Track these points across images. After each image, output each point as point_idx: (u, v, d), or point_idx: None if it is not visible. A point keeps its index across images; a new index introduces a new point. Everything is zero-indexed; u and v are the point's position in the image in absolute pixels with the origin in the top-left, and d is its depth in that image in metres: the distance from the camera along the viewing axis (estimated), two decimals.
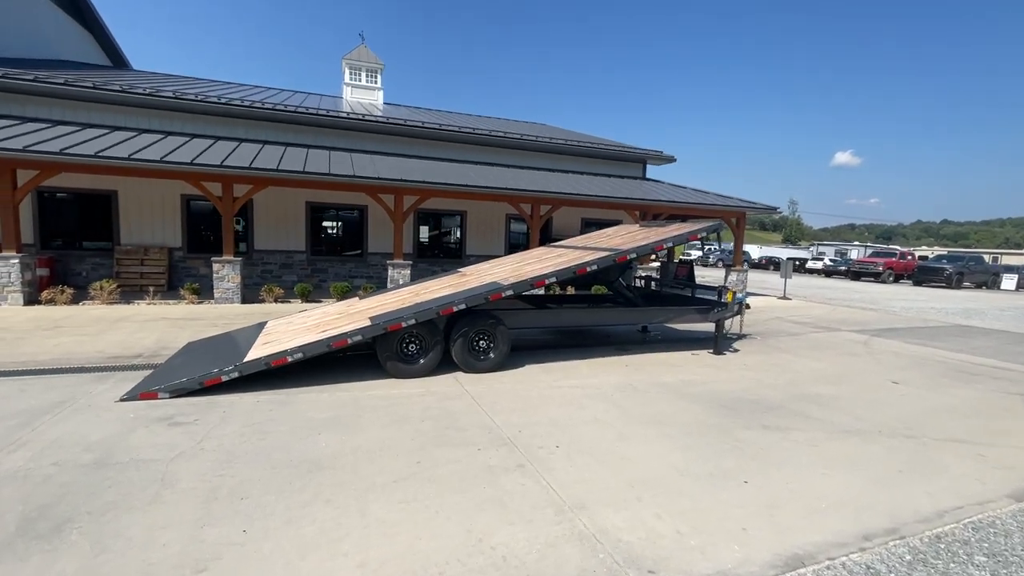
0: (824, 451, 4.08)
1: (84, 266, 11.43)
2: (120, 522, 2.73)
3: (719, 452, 3.97)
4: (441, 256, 15.05)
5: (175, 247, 12.00)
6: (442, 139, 14.74)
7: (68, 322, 8.01)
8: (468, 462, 3.64)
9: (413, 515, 2.92)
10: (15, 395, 4.65)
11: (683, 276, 9.74)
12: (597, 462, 3.71)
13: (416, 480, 3.34)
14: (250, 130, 12.75)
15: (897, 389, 6.04)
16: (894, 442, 4.35)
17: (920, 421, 4.91)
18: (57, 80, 10.65)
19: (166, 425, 4.10)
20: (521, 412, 4.73)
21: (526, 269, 6.74)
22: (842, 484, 3.51)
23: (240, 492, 3.09)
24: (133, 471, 3.30)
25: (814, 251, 44.57)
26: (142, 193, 11.61)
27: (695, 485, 3.41)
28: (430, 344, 5.77)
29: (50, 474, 3.22)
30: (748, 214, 16.46)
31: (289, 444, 3.82)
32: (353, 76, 20.14)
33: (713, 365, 6.90)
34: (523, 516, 2.95)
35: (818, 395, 5.64)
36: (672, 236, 6.89)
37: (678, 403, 5.18)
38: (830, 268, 31.59)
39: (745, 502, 3.20)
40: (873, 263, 27.95)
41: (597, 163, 16.79)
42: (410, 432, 4.14)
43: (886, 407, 5.31)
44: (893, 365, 7.31)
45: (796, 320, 11.42)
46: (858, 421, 4.84)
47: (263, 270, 12.82)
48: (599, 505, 3.10)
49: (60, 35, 17.66)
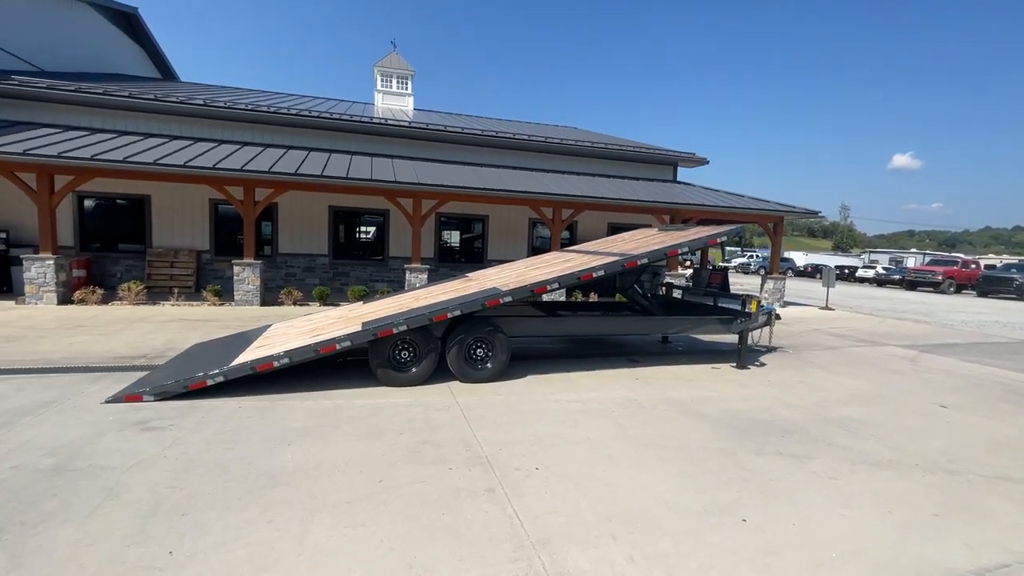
0: (845, 486, 3.56)
1: (119, 268, 11.90)
2: (48, 536, 2.59)
3: (719, 482, 3.52)
4: (463, 261, 14.89)
5: (203, 250, 12.34)
6: (466, 143, 14.62)
7: (91, 322, 8.26)
8: (434, 483, 3.35)
9: (355, 542, 2.65)
10: (12, 394, 4.70)
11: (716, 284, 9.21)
12: (576, 489, 3.34)
13: (372, 501, 3.08)
14: (276, 136, 13.01)
15: (944, 414, 5.34)
16: (933, 478, 3.76)
17: (968, 454, 4.27)
18: (96, 90, 11.17)
19: (139, 429, 4.01)
20: (508, 428, 4.41)
21: (531, 274, 6.41)
22: (861, 528, 3.01)
23: (183, 507, 2.92)
24: (85, 479, 3.19)
25: (866, 259, 41.94)
26: (173, 197, 12.02)
27: (683, 522, 2.99)
28: (424, 351, 5.53)
29: (3, 479, 3.14)
30: (788, 219, 15.53)
31: (254, 456, 3.64)
32: (385, 83, 20.40)
33: (733, 380, 6.35)
34: (476, 550, 2.63)
35: (848, 418, 5.04)
36: (688, 240, 6.40)
37: (684, 422, 4.73)
38: (882, 277, 29.58)
39: (739, 546, 2.77)
40: (931, 272, 25.95)
41: (626, 166, 16.26)
42: (383, 447, 3.90)
43: (928, 435, 4.67)
44: (943, 386, 6.54)
45: (836, 332, 10.56)
46: (892, 451, 4.25)
47: (286, 273, 13.01)
48: (566, 541, 2.74)
49: (115, 50, 18.74)
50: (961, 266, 26.15)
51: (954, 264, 26.74)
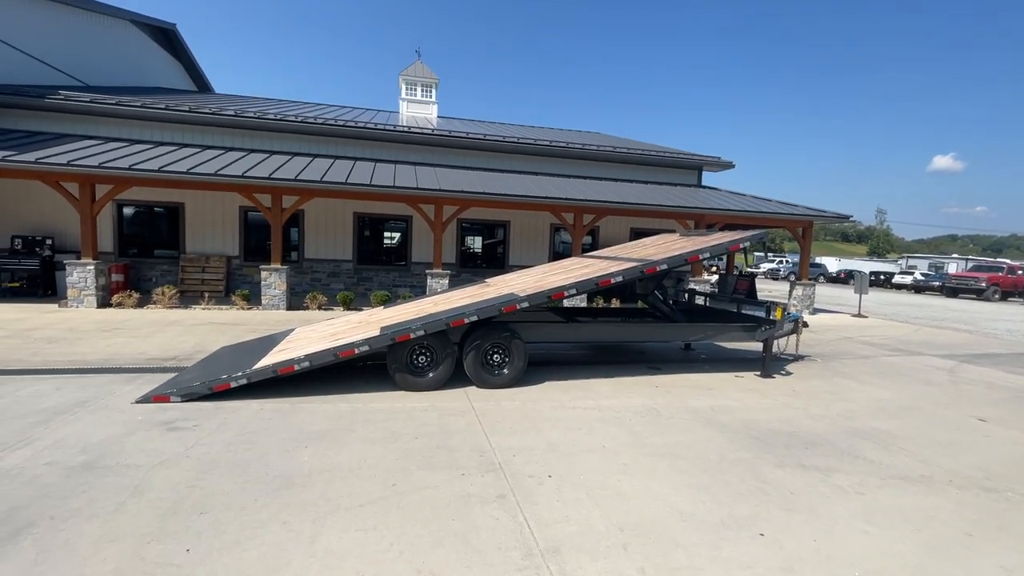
0: (872, 501, 3.42)
1: (154, 272, 12.39)
2: (75, 531, 2.70)
3: (737, 494, 3.43)
4: (484, 266, 14.96)
5: (233, 255, 12.74)
6: (488, 149, 14.72)
7: (126, 325, 8.61)
8: (446, 488, 3.36)
9: (365, 546, 2.68)
10: (50, 393, 4.93)
11: (743, 290, 8.96)
12: (589, 498, 3.30)
13: (383, 505, 3.10)
14: (303, 144, 13.37)
15: (982, 428, 5.08)
16: (967, 495, 3.58)
17: (1007, 471, 4.05)
18: (135, 103, 11.70)
19: (165, 429, 4.15)
20: (523, 434, 4.39)
21: (549, 280, 6.40)
22: (886, 546, 2.88)
23: (202, 506, 3.00)
24: (113, 477, 3.31)
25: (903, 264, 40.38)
26: (205, 205, 12.46)
27: (697, 534, 2.92)
28: (441, 357, 5.57)
29: (38, 475, 3.29)
30: (819, 223, 15.10)
31: (272, 457, 3.72)
32: (409, 91, 20.74)
33: (756, 389, 6.19)
34: (485, 558, 2.62)
35: (875, 430, 4.85)
36: (710, 246, 6.28)
37: (702, 432, 4.62)
38: (920, 283, 28.42)
39: (755, 561, 2.68)
40: (974, 278, 24.78)
41: (650, 171, 16.09)
42: (397, 451, 3.93)
43: (963, 450, 4.45)
44: (982, 399, 6.23)
45: (868, 341, 10.18)
46: (923, 465, 4.06)
47: (312, 278, 13.31)
48: (576, 551, 2.71)
49: (154, 64, 19.63)
50: (1007, 272, 24.90)
51: (999, 270, 25.47)
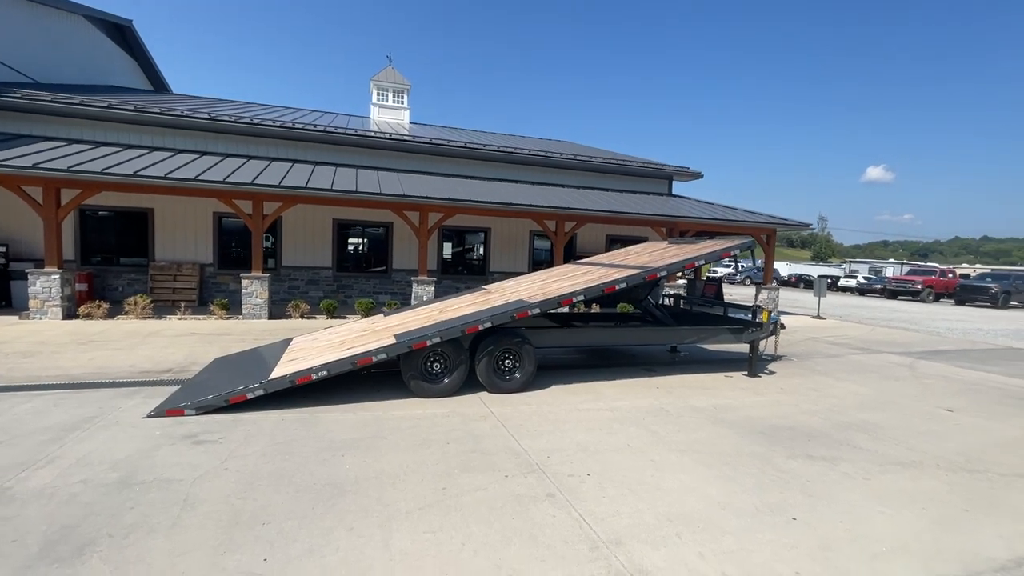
0: (877, 485, 3.79)
1: (120, 281, 11.77)
2: (141, 547, 2.66)
3: (762, 484, 3.72)
4: (465, 273, 15.04)
5: (206, 263, 12.27)
6: (466, 156, 14.84)
7: (102, 336, 8.19)
8: (495, 489, 3.48)
9: (438, 546, 2.77)
10: (49, 410, 4.70)
11: (711, 294, 9.47)
12: (631, 493, 3.50)
13: (441, 508, 3.19)
14: (279, 149, 13.07)
15: (951, 418, 5.64)
16: (955, 477, 4.01)
17: (982, 454, 4.54)
18: (100, 103, 11.13)
19: (191, 443, 4.06)
20: (549, 436, 4.56)
21: (552, 287, 6.60)
22: (902, 524, 3.22)
23: (262, 517, 3.00)
24: (156, 492, 3.25)
25: (847, 268, 43.15)
26: (176, 211, 11.97)
27: (738, 521, 3.17)
28: (455, 363, 5.66)
29: (75, 492, 3.19)
30: (778, 231, 16.04)
31: (312, 466, 3.73)
32: (381, 96, 20.56)
33: (748, 388, 6.60)
34: (555, 552, 2.77)
35: (864, 422, 5.31)
36: (704, 253, 6.67)
37: (713, 429, 4.93)
38: (864, 286, 30.48)
39: (796, 542, 2.95)
40: (911, 281, 26.86)
41: (622, 179, 16.64)
42: (434, 456, 4.01)
43: (941, 437, 4.95)
44: (943, 391, 6.88)
45: (833, 341, 10.94)
46: (912, 452, 4.51)
47: (290, 286, 12.99)
48: (636, 541, 2.90)
49: (109, 62, 18.62)
50: (939, 275, 27.15)
51: (932, 274, 27.74)
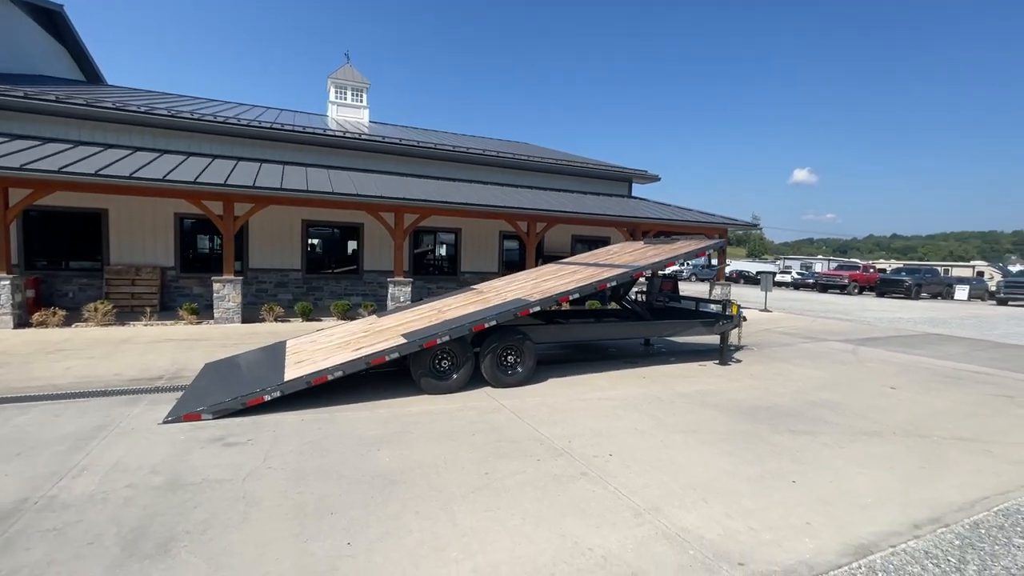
0: (851, 452, 4.41)
1: (71, 287, 11.03)
2: (223, 540, 2.77)
3: (759, 456, 4.24)
4: (436, 273, 15.15)
5: (168, 266, 11.72)
6: (435, 158, 14.95)
7: (68, 345, 7.75)
8: (532, 472, 3.79)
9: (502, 523, 3.05)
10: (51, 420, 4.54)
11: (668, 290, 10.21)
12: (653, 468, 3.92)
13: (490, 491, 3.47)
14: (245, 149, 12.67)
15: (896, 394, 6.50)
16: (909, 442, 4.72)
17: (926, 423, 5.33)
18: (47, 97, 10.39)
19: (221, 446, 4.10)
20: (563, 424, 4.91)
21: (545, 285, 6.96)
22: (878, 481, 3.83)
23: (327, 507, 3.16)
24: (210, 491, 3.32)
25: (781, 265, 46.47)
26: (134, 211, 11.36)
27: (749, 486, 3.66)
28: (462, 360, 5.90)
29: (128, 496, 3.21)
30: (729, 231, 17.22)
31: (353, 461, 3.88)
32: (339, 95, 20.20)
33: (722, 375, 7.25)
34: (606, 520, 3.12)
35: (827, 401, 6.03)
36: (682, 253, 7.26)
37: (703, 412, 5.46)
38: (798, 281, 33.02)
39: (800, 500, 3.47)
40: (839, 276, 29.44)
41: (585, 182, 17.29)
42: (464, 447, 4.26)
43: (892, 411, 5.73)
44: (884, 372, 7.83)
45: (783, 331, 12.00)
46: (872, 424, 5.22)
47: (258, 289, 12.63)
48: (671, 507, 3.30)
49: (36, 49, 17.19)
50: (863, 270, 29.91)
51: (857, 269, 30.52)
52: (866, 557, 2.80)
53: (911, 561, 2.79)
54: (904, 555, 2.84)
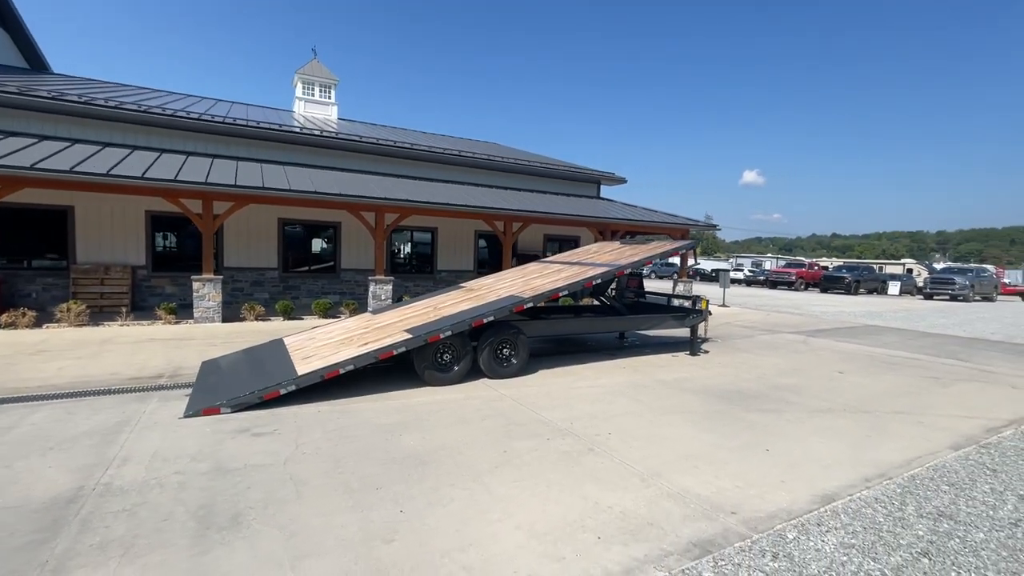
0: (810, 425, 5.12)
1: (34, 287, 10.61)
2: (287, 513, 3.09)
3: (735, 431, 4.87)
4: (413, 272, 15.35)
5: (138, 265, 11.44)
6: (410, 157, 15.13)
7: (47, 346, 7.59)
8: (545, 449, 4.26)
9: (531, 490, 3.50)
10: (67, 418, 4.63)
11: (634, 287, 10.95)
12: (648, 443, 4.46)
13: (512, 465, 3.91)
14: (219, 146, 12.48)
15: (844, 377, 7.37)
16: (856, 416, 5.49)
17: (869, 400, 6.15)
18: (8, 88, 9.96)
19: (249, 436, 4.34)
20: (562, 409, 5.40)
21: (535, 283, 7.43)
22: (833, 447, 4.52)
23: (371, 484, 3.51)
24: (257, 474, 3.60)
25: (734, 262, 48.90)
26: (102, 209, 11.02)
27: (731, 455, 4.26)
28: (462, 353, 6.29)
29: (181, 481, 3.45)
30: (691, 231, 18.24)
31: (380, 444, 4.23)
32: (306, 91, 19.96)
33: (695, 365, 7.95)
34: (618, 485, 3.63)
35: (787, 384, 6.80)
36: (659, 252, 7.91)
37: (683, 396, 6.09)
38: (750, 278, 34.96)
39: (774, 464, 4.09)
40: (788, 273, 31.45)
41: (556, 183, 17.89)
42: (478, 430, 4.68)
43: (841, 391, 6.55)
44: (832, 359, 8.77)
45: (742, 325, 12.98)
46: (825, 402, 5.99)
47: (234, 288, 12.49)
48: (670, 473, 3.85)
49: None
50: (808, 268, 32.07)
51: (803, 266, 32.69)
52: (830, 504, 3.43)
53: (865, 505, 3.44)
54: (859, 501, 3.49)
